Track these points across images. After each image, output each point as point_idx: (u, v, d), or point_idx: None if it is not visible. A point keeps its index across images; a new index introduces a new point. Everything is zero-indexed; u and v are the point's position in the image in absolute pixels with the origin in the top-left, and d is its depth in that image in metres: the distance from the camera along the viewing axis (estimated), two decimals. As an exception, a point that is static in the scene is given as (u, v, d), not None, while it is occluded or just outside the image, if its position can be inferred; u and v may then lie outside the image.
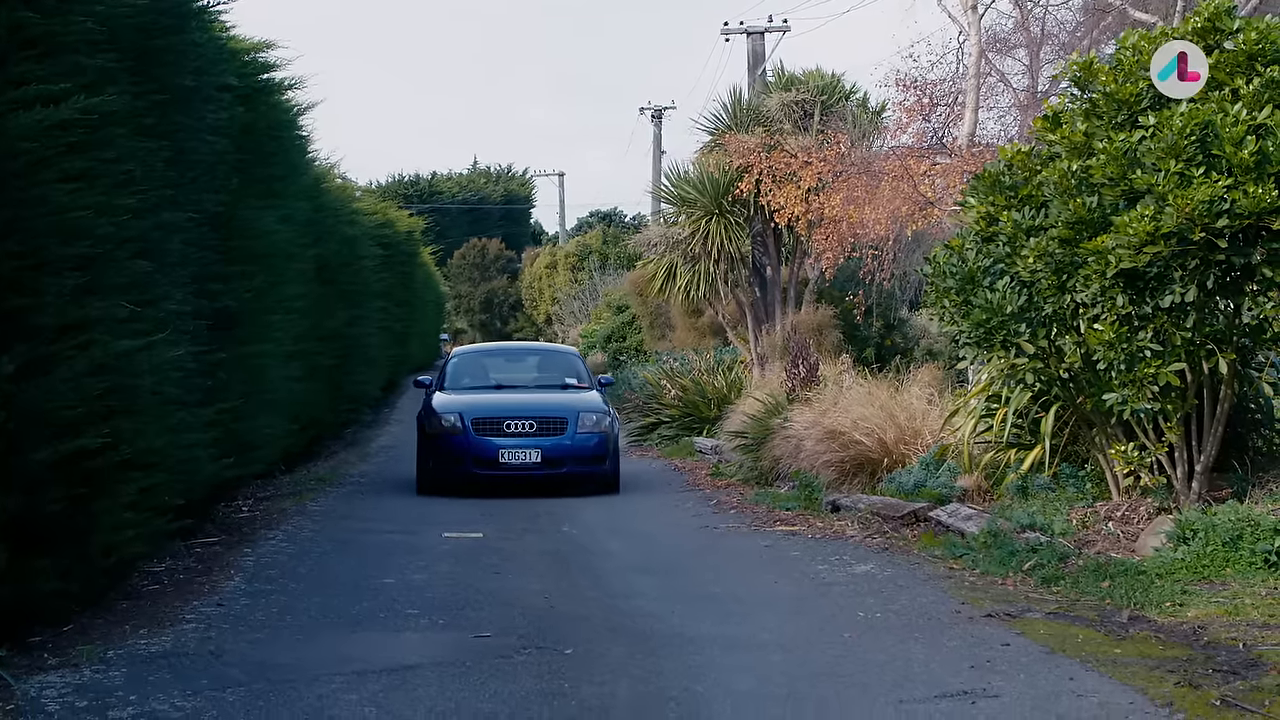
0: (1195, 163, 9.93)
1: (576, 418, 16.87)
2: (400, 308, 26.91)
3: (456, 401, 17.30)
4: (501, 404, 17.31)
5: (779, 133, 25.29)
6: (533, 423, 16.64)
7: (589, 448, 16.85)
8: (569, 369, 19.29)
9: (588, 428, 16.84)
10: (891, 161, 21.23)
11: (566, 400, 17.63)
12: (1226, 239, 9.94)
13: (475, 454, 16.51)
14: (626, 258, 44.28)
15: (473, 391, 17.97)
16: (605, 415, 17.19)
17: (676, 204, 26.92)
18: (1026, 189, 11.20)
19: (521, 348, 24.40)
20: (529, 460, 16.48)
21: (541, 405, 17.30)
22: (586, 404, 17.43)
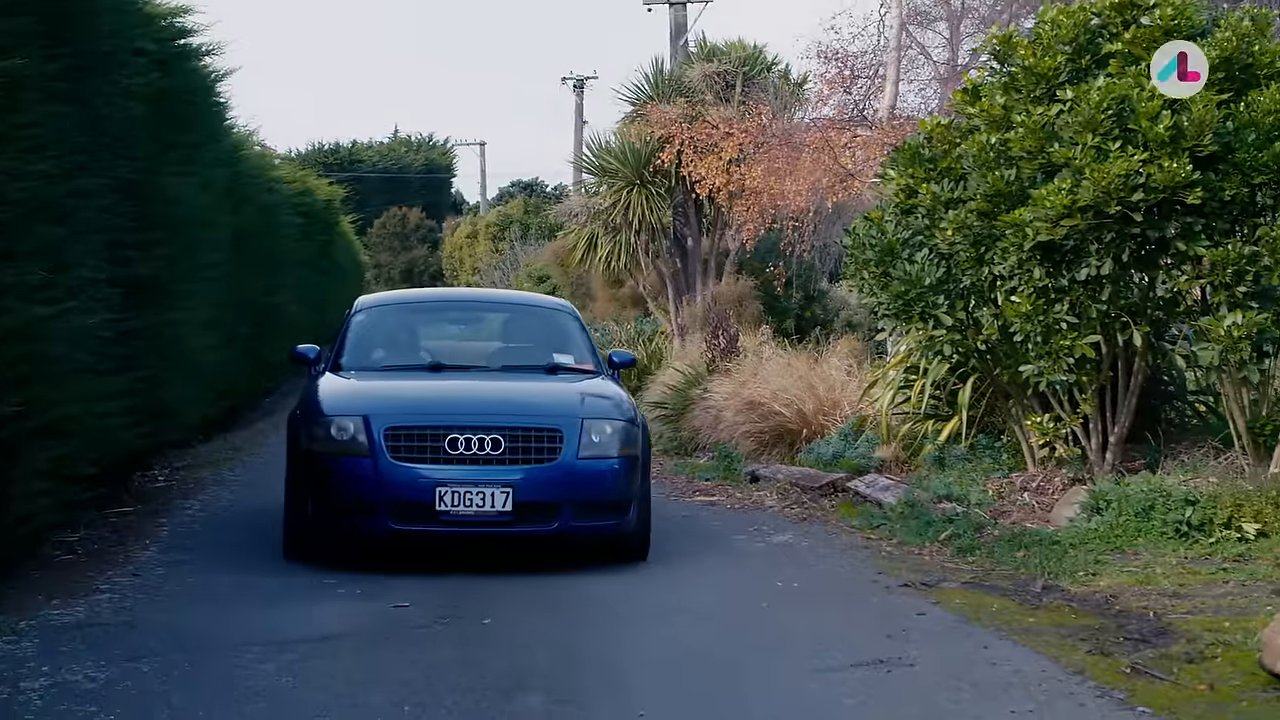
0: (1112, 137, 10.02)
1: (579, 428, 9.55)
2: (320, 276, 26.72)
3: (359, 393, 10.02)
4: (442, 400, 9.94)
5: (701, 104, 25.27)
6: (499, 437, 9.33)
7: (602, 484, 9.58)
8: (560, 338, 11.42)
9: (599, 446, 9.58)
10: (813, 133, 21.29)
11: (559, 395, 10.22)
12: (1142, 213, 10.03)
13: (392, 494, 9.29)
14: (548, 228, 44.19)
15: (390, 375, 10.61)
16: (630, 423, 9.83)
17: (598, 174, 26.86)
18: (946, 162, 11.26)
19: (477, 298, 15.68)
20: (490, 507, 9.25)
21: (515, 403, 10.01)
22: (596, 401, 10.03)
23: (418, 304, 13.13)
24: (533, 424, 9.53)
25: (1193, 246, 10.17)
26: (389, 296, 13.64)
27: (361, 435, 9.38)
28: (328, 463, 9.45)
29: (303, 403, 10.21)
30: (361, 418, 9.46)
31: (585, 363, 11.04)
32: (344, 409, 9.68)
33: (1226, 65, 10.29)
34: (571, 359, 11.06)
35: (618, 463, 9.63)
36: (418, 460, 9.30)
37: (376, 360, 10.92)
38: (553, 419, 9.61)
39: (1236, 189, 10.10)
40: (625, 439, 9.69)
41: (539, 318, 12.28)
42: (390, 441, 9.32)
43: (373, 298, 12.53)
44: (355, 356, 10.87)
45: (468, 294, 19.72)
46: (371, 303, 12.08)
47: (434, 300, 14.16)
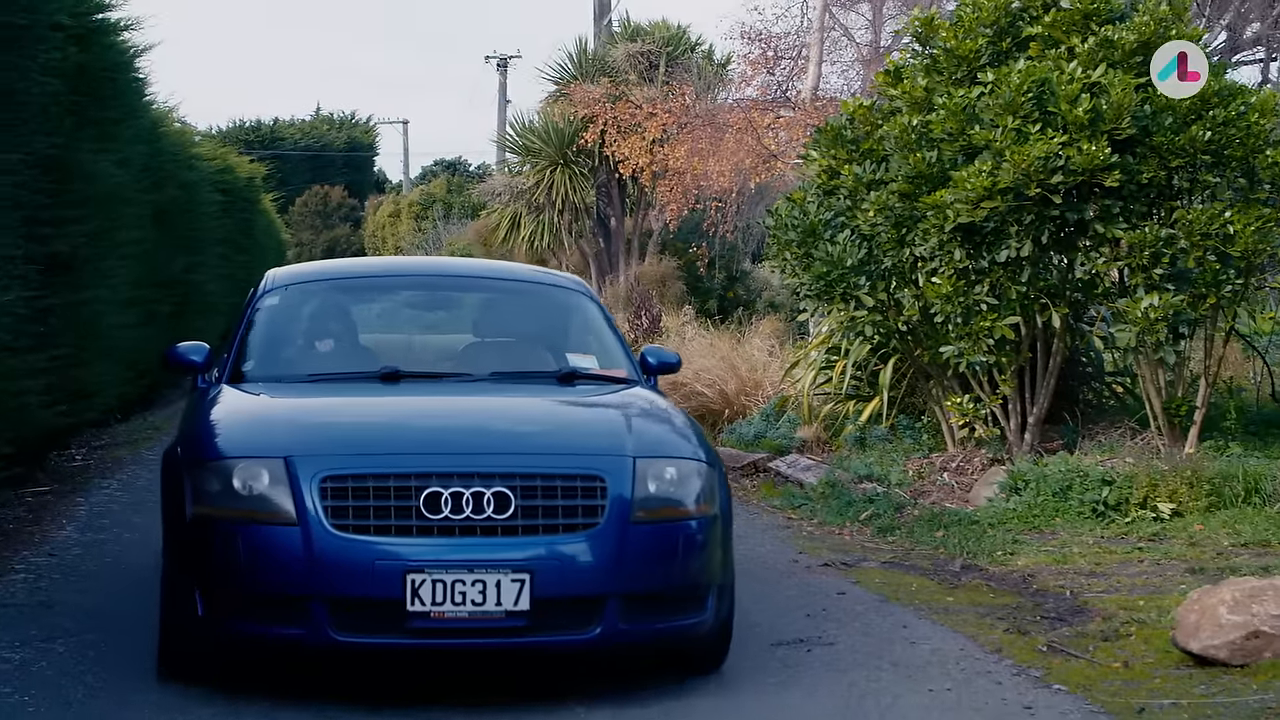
0: (1032, 119, 10.09)
1: (630, 473, 6.19)
2: (241, 255, 26.44)
3: (276, 420, 6.68)
4: (412, 430, 6.58)
5: (624, 83, 25.29)
6: (506, 490, 5.99)
7: (670, 561, 6.23)
8: (573, 329, 7.99)
9: (664, 499, 6.25)
10: (736, 114, 21.36)
11: (594, 421, 6.94)
12: (1061, 195, 10.12)
13: (335, 585, 5.90)
14: (471, 207, 44.07)
15: (323, 390, 7.06)
16: (705, 463, 6.46)
17: (521, 154, 26.84)
18: (868, 143, 11.30)
19: (445, 270, 9.79)
20: (493, 605, 5.89)
21: (528, 434, 6.65)
22: (651, 429, 6.74)
23: (358, 280, 8.46)
24: (559, 467, 6.06)
25: (1111, 229, 10.26)
26: (314, 269, 8.66)
27: (282, 489, 5.88)
28: (228, 534, 5.91)
29: (185, 436, 6.57)
30: (281, 460, 5.92)
31: (616, 366, 7.39)
32: (253, 446, 6.13)
33: (1144, 49, 10.38)
34: (594, 361, 7.45)
35: (693, 525, 6.18)
36: (377, 530, 5.82)
37: (299, 366, 7.25)
38: (589, 459, 6.13)
39: (1154, 172, 10.21)
40: (702, 487, 6.22)
41: (539, 300, 8.18)
42: (330, 499, 5.83)
43: (290, 271, 8.33)
44: (266, 360, 7.26)
45: (430, 264, 11.99)
46: (288, 279, 7.94)
47: (381, 274, 9.15)
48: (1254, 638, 6.31)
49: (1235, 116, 10.13)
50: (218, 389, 7.02)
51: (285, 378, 7.12)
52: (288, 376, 7.13)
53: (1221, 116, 10.11)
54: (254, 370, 7.18)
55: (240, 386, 6.99)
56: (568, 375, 7.27)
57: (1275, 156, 10.15)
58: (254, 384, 7.01)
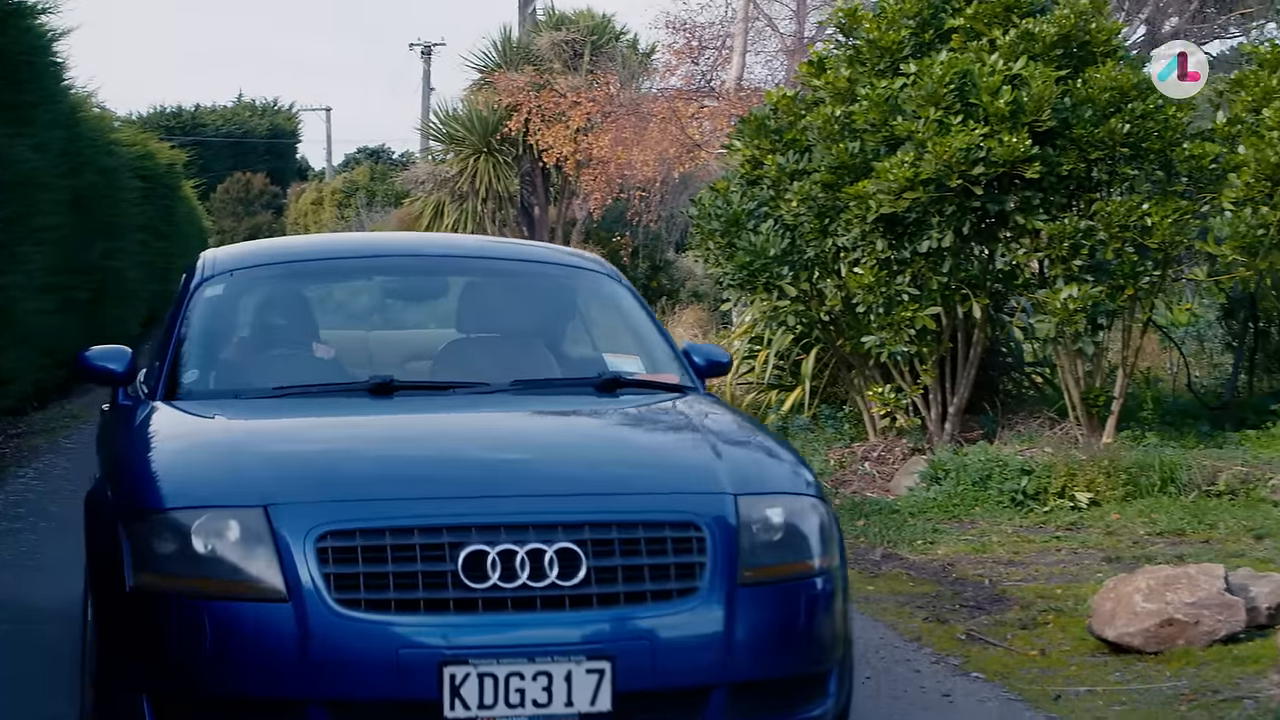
0: (954, 111, 10.14)
1: (733, 515, 4.47)
2: (161, 242, 26.21)
3: (243, 451, 4.75)
4: (433, 464, 4.76)
5: (549, 72, 25.24)
6: (572, 545, 4.27)
7: (791, 635, 4.55)
8: (606, 323, 6.44)
9: (775, 550, 4.54)
10: (660, 103, 21.36)
11: (669, 444, 5.18)
12: (982, 186, 10.17)
13: (343, 686, 4.15)
14: (395, 195, 43.87)
15: (294, 408, 5.35)
16: (818, 497, 4.74)
17: (445, 142, 26.74)
18: (791, 133, 11.33)
19: (432, 249, 7.46)
20: (564, 707, 4.19)
21: (589, 464, 4.88)
22: (743, 455, 5.00)
23: (322, 263, 6.65)
24: (640, 511, 4.46)
25: (1031, 220, 10.34)
26: (262, 250, 6.94)
27: (263, 551, 4.25)
28: (188, 615, 4.28)
29: (117, 475, 4.90)
30: (259, 511, 4.31)
31: (665, 369, 5.84)
32: (218, 490, 4.46)
33: (1065, 42, 10.46)
34: (638, 363, 5.93)
35: (816, 585, 4.60)
36: (399, 606, 4.20)
37: (259, 376, 5.63)
38: (678, 498, 4.56)
39: (1074, 164, 10.29)
40: (822, 531, 4.66)
41: (556, 285, 6.57)
42: (333, 563, 4.22)
43: (233, 253, 6.44)
44: (214, 368, 5.69)
45: (411, 241, 9.13)
46: (232, 262, 6.21)
47: (350, 255, 6.92)
48: (1168, 625, 6.38)
49: (1153, 110, 10.22)
50: (150, 408, 5.26)
51: (242, 392, 5.38)
52: (246, 390, 5.39)
53: (1140, 110, 10.19)
54: (198, 382, 5.45)
55: (182, 405, 5.24)
56: (609, 382, 5.53)
57: (1192, 149, 10.25)
58: (200, 401, 5.28)
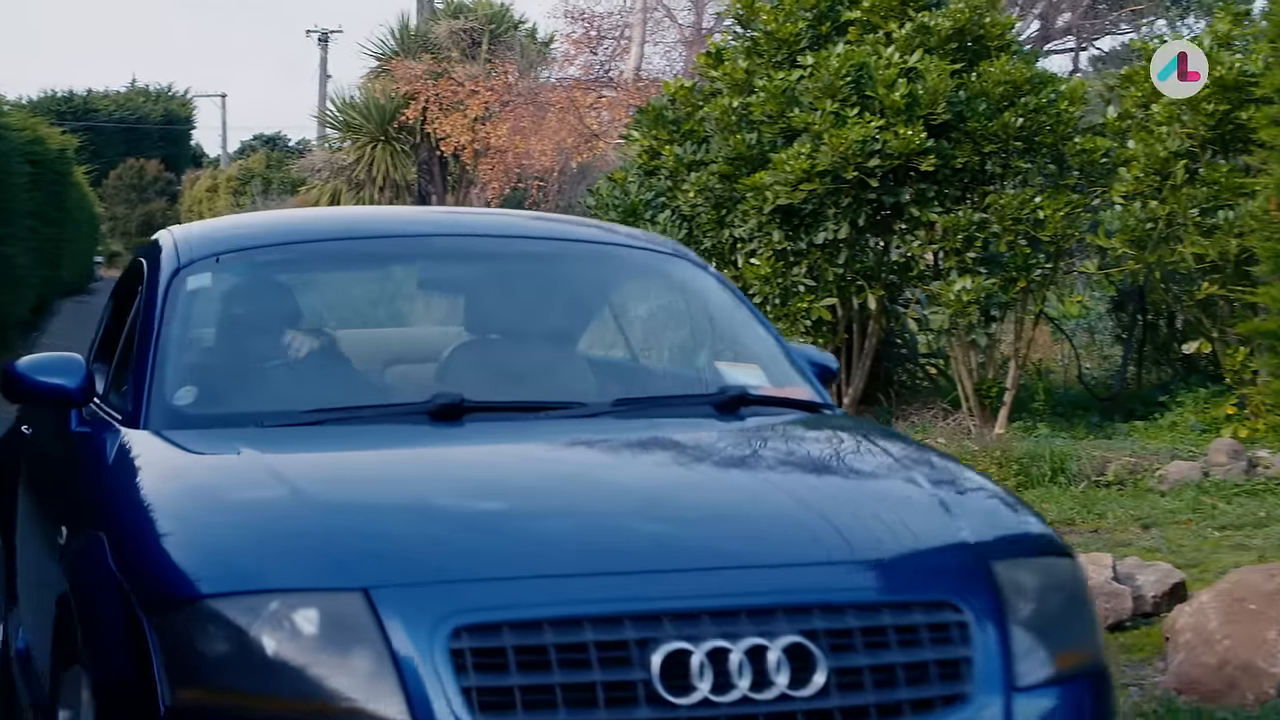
0: (850, 103, 10.21)
1: (992, 592, 3.16)
2: (52, 228, 25.83)
3: (313, 512, 3.20)
4: (586, 531, 3.24)
5: (447, 61, 25.13)
6: (802, 642, 2.95)
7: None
8: (698, 320, 4.88)
9: (1049, 644, 3.16)
10: (558, 93, 21.34)
11: (883, 495, 3.61)
12: (878, 178, 10.25)
13: None
14: (291, 183, 43.53)
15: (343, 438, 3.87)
16: (1070, 557, 3.45)
17: (342, 130, 26.57)
18: (689, 124, 11.35)
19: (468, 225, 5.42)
20: None
21: (800, 530, 3.28)
22: (964, 500, 3.56)
23: (336, 244, 4.99)
24: (878, 589, 3.21)
25: (925, 213, 10.42)
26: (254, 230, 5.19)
27: (367, 654, 2.92)
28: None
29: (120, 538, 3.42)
30: (356, 596, 2.97)
31: (787, 381, 4.56)
32: (288, 565, 3.10)
33: (959, 36, 10.56)
34: (758, 373, 4.57)
35: (1100, 682, 3.37)
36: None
37: (282, 395, 4.29)
38: (922, 568, 3.29)
39: (968, 157, 10.38)
40: (1089, 604, 3.50)
41: (633, 273, 5.17)
42: (476, 672, 2.88)
43: (215, 235, 4.96)
44: (217, 384, 4.33)
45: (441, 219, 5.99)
46: (216, 243, 4.74)
47: (370, 234, 5.11)
48: (1058, 613, 6.45)
49: (1046, 104, 10.34)
50: (135, 440, 3.84)
51: (263, 417, 3.91)
52: (267, 415, 3.93)
53: (1033, 104, 10.31)
54: (198, 405, 4.06)
55: (182, 436, 3.84)
56: (733, 400, 4.21)
57: (1084, 144, 10.38)
58: (207, 431, 3.89)
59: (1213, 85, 10.05)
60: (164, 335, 4.22)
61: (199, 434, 3.89)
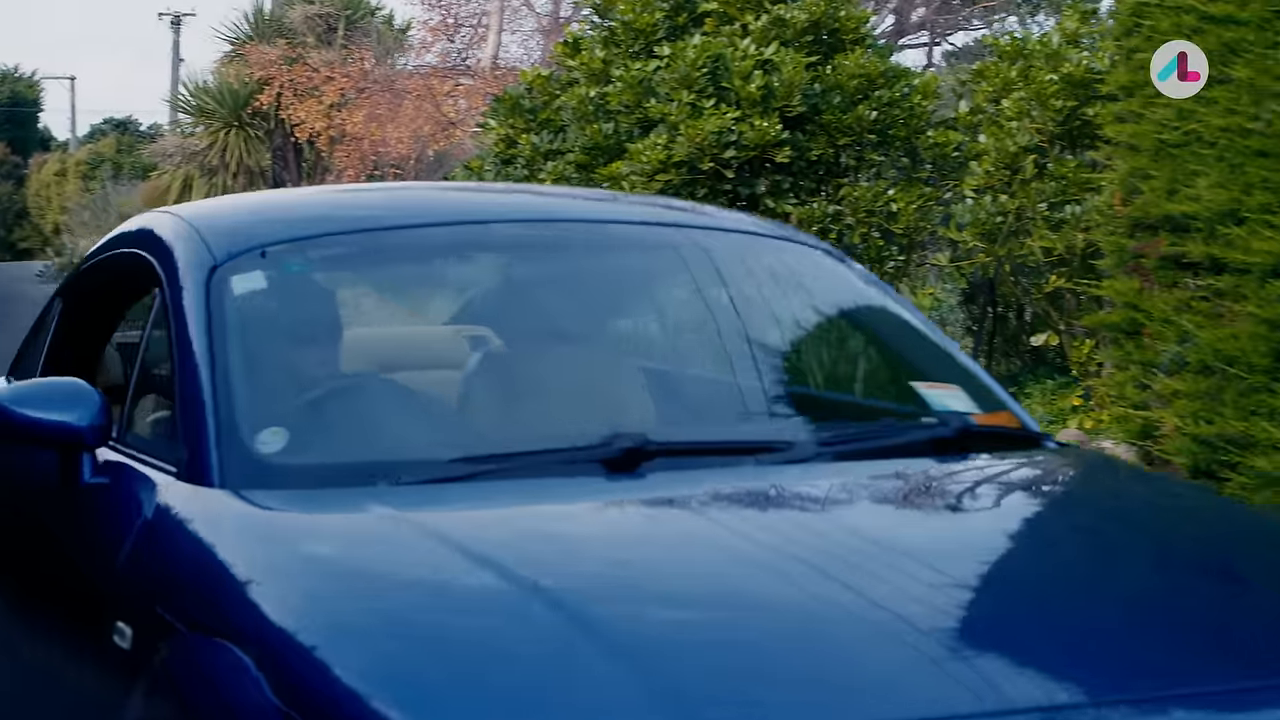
0: (707, 94, 10.24)
1: None
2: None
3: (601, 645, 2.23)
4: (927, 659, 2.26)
5: (302, 46, 24.90)
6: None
7: None
8: (863, 331, 4.11)
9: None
10: (415, 80, 21.25)
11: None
12: (734, 170, 10.29)
13: None
14: (142, 168, 42.89)
15: (506, 495, 2.95)
16: None
17: (195, 115, 26.24)
18: (546, 113, 11.33)
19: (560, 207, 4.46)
20: None
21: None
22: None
23: (420, 231, 3.86)
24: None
25: (781, 204, 10.49)
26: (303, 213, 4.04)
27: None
28: None
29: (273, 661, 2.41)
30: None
31: (995, 404, 3.65)
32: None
33: (815, 29, 10.63)
34: (963, 398, 3.62)
35: None
36: None
37: (394, 437, 3.33)
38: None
39: (823, 149, 10.46)
40: None
41: (775, 271, 4.07)
42: None
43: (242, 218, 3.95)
44: (314, 423, 3.31)
45: (532, 202, 4.60)
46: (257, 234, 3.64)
47: (454, 219, 3.98)
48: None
49: (900, 98, 10.45)
50: (224, 505, 2.95)
51: (392, 468, 3.02)
52: (398, 465, 3.04)
53: (887, 97, 10.41)
54: (293, 452, 3.08)
55: (291, 499, 2.95)
56: (956, 437, 3.37)
57: (936, 137, 10.51)
58: (318, 489, 2.99)
59: (1061, 82, 10.23)
60: (221, 358, 3.22)
61: (311, 496, 2.95)
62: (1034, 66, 10.47)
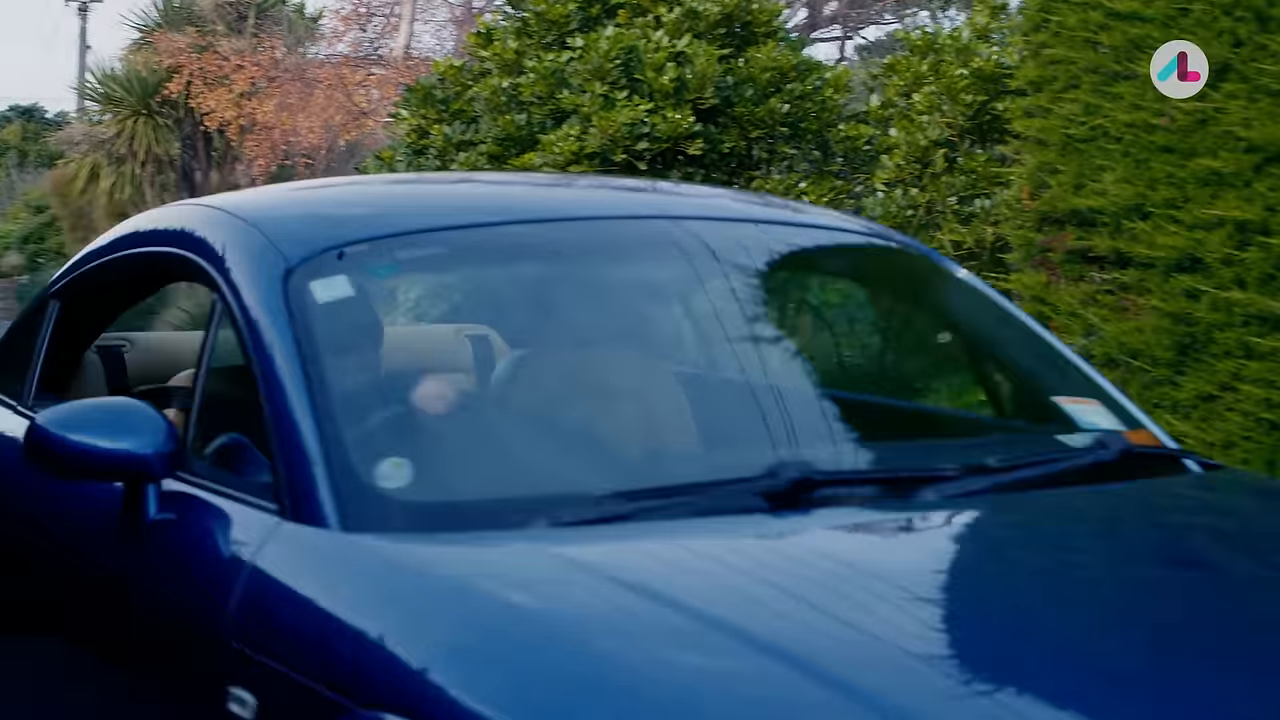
0: (620, 86, 10.24)
1: None
2: None
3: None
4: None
5: (212, 34, 24.66)
6: None
7: None
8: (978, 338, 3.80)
9: None
10: (326, 70, 21.11)
11: None
12: (646, 161, 10.30)
13: None
14: (48, 156, 42.37)
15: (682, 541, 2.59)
16: None
17: (102, 102, 25.94)
18: (458, 103, 11.30)
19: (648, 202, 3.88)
20: None
21: None
22: None
23: (517, 231, 3.42)
24: None
25: (693, 196, 10.50)
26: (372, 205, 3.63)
27: None
28: None
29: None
30: None
31: (1132, 421, 3.30)
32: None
33: (728, 21, 10.66)
34: (1105, 413, 3.28)
35: None
36: None
37: (532, 469, 2.90)
38: None
39: (735, 142, 10.49)
40: None
41: (879, 274, 4.00)
42: None
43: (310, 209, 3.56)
44: (432, 456, 2.87)
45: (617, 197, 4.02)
46: (336, 227, 3.24)
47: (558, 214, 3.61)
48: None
49: (812, 91, 10.50)
50: (356, 550, 2.56)
51: (539, 506, 2.63)
52: (546, 502, 2.66)
53: (799, 90, 10.46)
54: (423, 488, 2.72)
55: (436, 546, 2.55)
56: (1119, 460, 3.04)
57: (848, 131, 10.57)
58: (459, 532, 2.60)
59: (971, 77, 10.29)
60: (317, 377, 2.78)
61: (466, 541, 2.53)
62: (945, 61, 10.53)
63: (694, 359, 3.47)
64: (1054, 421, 3.30)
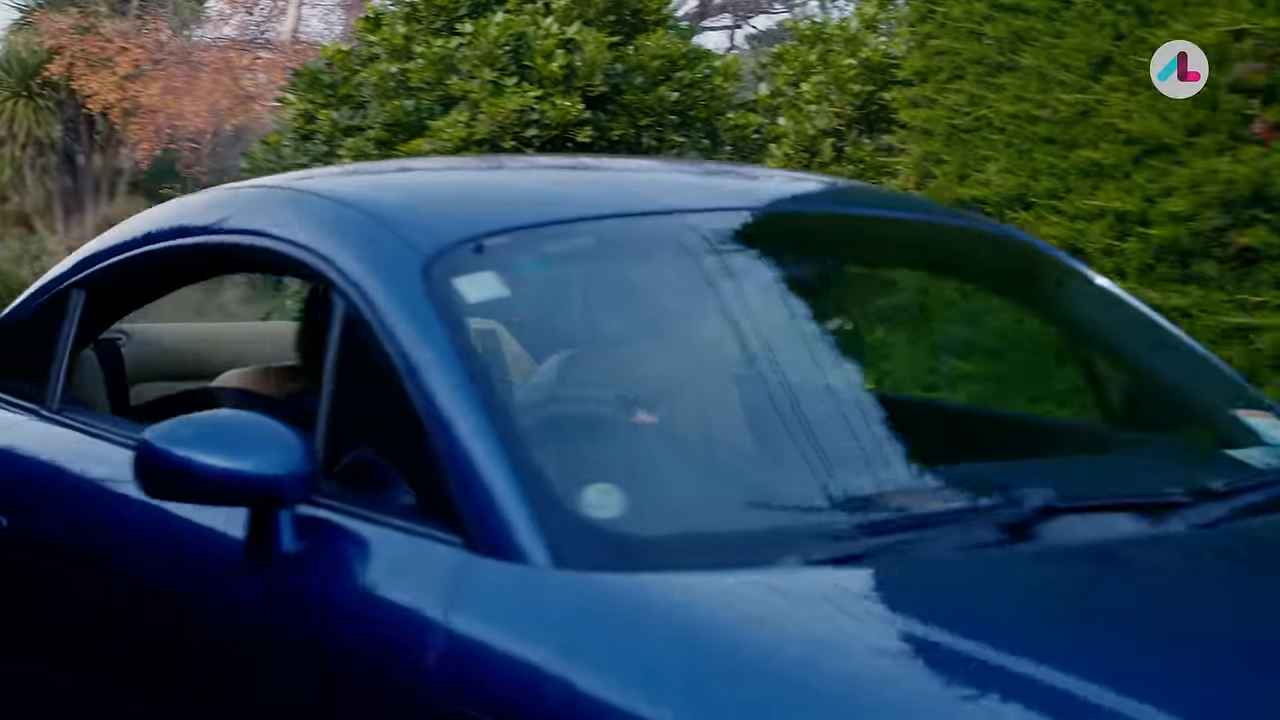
0: (509, 72, 10.22)
1: None
2: None
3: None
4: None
5: (95, 15, 24.31)
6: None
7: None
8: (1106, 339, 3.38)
9: None
10: (213, 53, 20.90)
11: None
12: (535, 148, 10.28)
13: None
14: (-74, 138, 41.64)
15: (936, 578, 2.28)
16: None
17: (-19, 83, 25.49)
18: (346, 89, 11.22)
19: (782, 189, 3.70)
20: None
21: None
22: None
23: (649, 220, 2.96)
24: None
25: (583, 184, 10.51)
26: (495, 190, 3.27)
27: None
28: None
29: None
30: None
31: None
32: None
33: (617, 8, 10.67)
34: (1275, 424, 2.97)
35: None
36: None
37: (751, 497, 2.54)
38: None
39: (624, 129, 10.50)
40: None
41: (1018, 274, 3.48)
42: None
43: (425, 194, 3.13)
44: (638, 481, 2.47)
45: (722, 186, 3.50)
46: (469, 215, 2.86)
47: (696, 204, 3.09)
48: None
49: (701, 79, 10.53)
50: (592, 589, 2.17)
51: (779, 541, 2.30)
52: (786, 537, 2.33)
53: (688, 79, 10.48)
54: (638, 520, 2.33)
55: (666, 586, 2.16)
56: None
57: (737, 119, 10.62)
58: (686, 572, 2.19)
59: (859, 67, 10.37)
60: (485, 388, 2.42)
61: (706, 584, 2.15)
62: (833, 51, 10.60)
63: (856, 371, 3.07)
64: (1229, 435, 3.00)
